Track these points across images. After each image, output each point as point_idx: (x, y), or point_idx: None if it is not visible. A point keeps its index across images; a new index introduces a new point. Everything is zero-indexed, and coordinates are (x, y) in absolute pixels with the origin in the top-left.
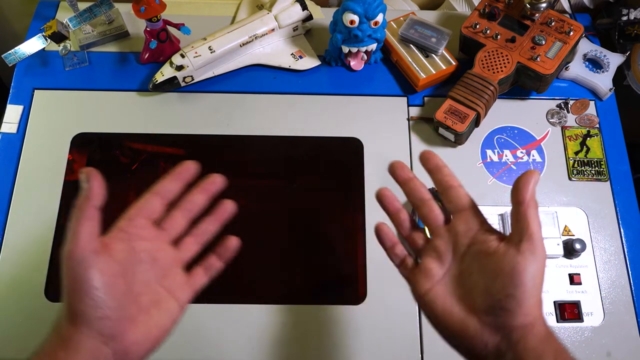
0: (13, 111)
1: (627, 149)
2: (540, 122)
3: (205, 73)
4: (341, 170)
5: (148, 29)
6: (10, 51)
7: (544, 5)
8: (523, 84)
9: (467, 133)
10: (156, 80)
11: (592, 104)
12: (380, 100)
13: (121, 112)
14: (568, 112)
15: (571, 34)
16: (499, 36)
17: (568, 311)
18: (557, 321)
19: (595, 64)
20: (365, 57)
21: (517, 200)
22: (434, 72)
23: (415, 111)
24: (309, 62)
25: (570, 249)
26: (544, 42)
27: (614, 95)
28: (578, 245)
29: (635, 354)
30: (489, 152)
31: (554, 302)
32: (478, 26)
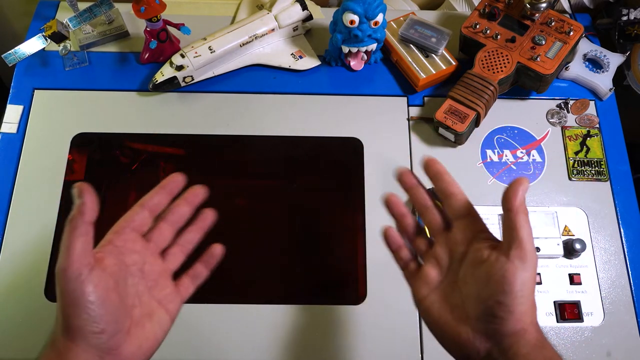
0: (13, 111)
1: (627, 149)
2: (540, 122)
3: (205, 73)
4: (341, 170)
5: (148, 29)
6: (10, 51)
7: (544, 5)
8: (523, 84)
9: (467, 133)
10: (156, 80)
11: (592, 104)
12: (380, 100)
13: (121, 112)
14: (568, 112)
15: (571, 34)
16: (499, 36)
17: (568, 311)
18: (557, 321)
19: (595, 64)
20: (365, 57)
21: (507, 208)
22: (434, 72)
23: (415, 111)
24: (309, 62)
25: (570, 249)
26: (544, 42)
27: (614, 95)
28: (578, 245)
29: (635, 354)
30: (489, 152)
31: (554, 302)
32: (478, 26)
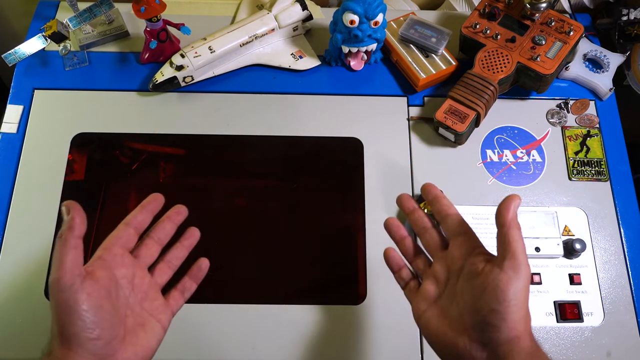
0: (13, 111)
1: (627, 149)
2: (540, 122)
3: (205, 73)
4: (341, 170)
5: (148, 29)
6: (10, 51)
7: (544, 5)
8: (523, 84)
9: (467, 133)
10: (156, 80)
11: (592, 104)
12: (380, 100)
13: (121, 112)
14: (568, 112)
15: (571, 34)
16: (499, 36)
17: (568, 311)
18: (557, 321)
19: (595, 64)
20: (365, 57)
21: (500, 223)
22: (434, 72)
23: (415, 111)
24: (309, 62)
25: (570, 249)
26: (544, 42)
27: (614, 95)
28: (578, 245)
29: (635, 354)
30: (489, 152)
31: (554, 302)
32: (478, 26)
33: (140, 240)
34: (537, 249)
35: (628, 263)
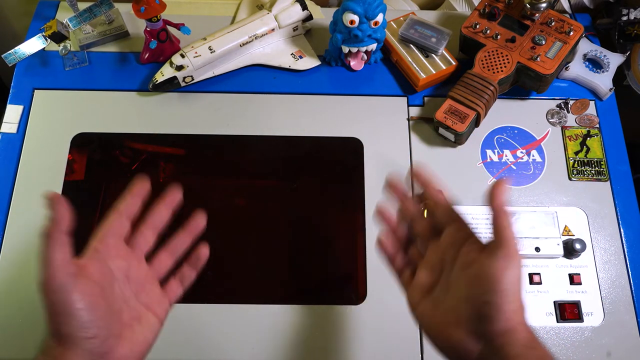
0: (13, 111)
1: (627, 149)
2: (540, 122)
3: (205, 73)
4: (341, 170)
5: (148, 29)
6: (10, 51)
7: (544, 5)
8: (523, 84)
9: (467, 133)
10: (156, 80)
11: (592, 104)
12: (380, 100)
13: (121, 112)
14: (568, 112)
15: (571, 34)
16: (499, 36)
17: (568, 311)
18: (557, 321)
19: (595, 64)
20: (365, 57)
21: (491, 210)
22: (434, 72)
23: (415, 111)
24: (309, 62)
25: (570, 249)
26: (544, 42)
27: (614, 95)
28: (578, 245)
29: (635, 354)
30: (489, 152)
31: (554, 302)
32: (478, 26)
33: (135, 228)
34: (537, 249)
35: (628, 263)
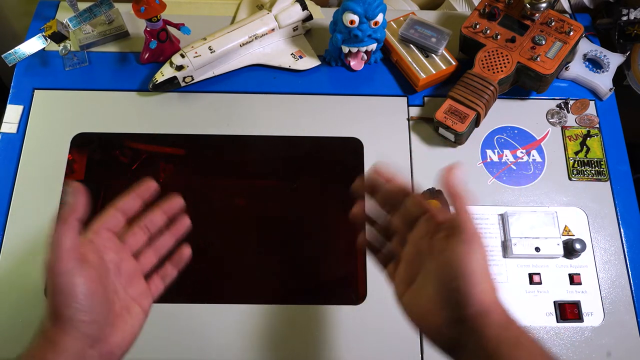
0: (13, 111)
1: (627, 149)
2: (540, 122)
3: (205, 73)
4: (341, 170)
5: (148, 29)
6: (10, 51)
7: (544, 5)
8: (523, 84)
9: (467, 133)
10: (156, 80)
11: (592, 104)
12: (380, 100)
13: (121, 112)
14: (568, 112)
15: (571, 34)
16: (499, 36)
17: (568, 311)
18: (557, 321)
19: (595, 64)
20: (365, 57)
21: (446, 197)
22: (434, 72)
23: (415, 111)
24: (309, 62)
25: (570, 249)
26: (544, 42)
27: (614, 95)
28: (578, 245)
29: (635, 354)
30: (489, 152)
31: (554, 302)
32: (478, 26)
33: (129, 226)
34: (537, 249)
35: (628, 263)
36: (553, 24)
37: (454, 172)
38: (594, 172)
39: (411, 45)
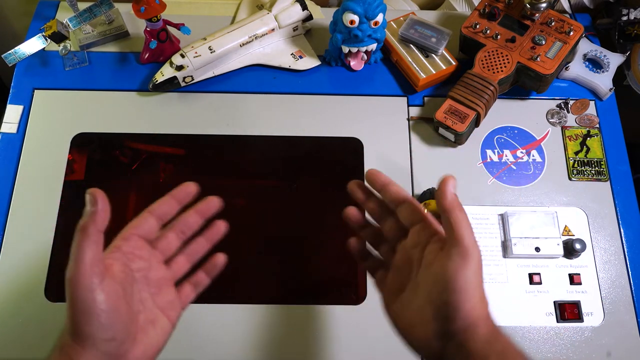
0: (13, 111)
1: (627, 149)
2: (540, 122)
3: (205, 73)
4: (341, 170)
5: (148, 29)
6: (10, 51)
7: (544, 5)
8: (523, 84)
9: (467, 133)
10: (156, 80)
11: (592, 104)
12: (380, 100)
13: (121, 112)
14: (568, 112)
15: (571, 34)
16: (499, 36)
17: (568, 311)
18: (557, 321)
19: (595, 64)
20: (365, 57)
21: (441, 209)
22: (434, 72)
23: (415, 111)
24: (309, 62)
25: (570, 249)
26: (544, 42)
27: (614, 95)
28: (578, 245)
29: (635, 354)
30: (489, 152)
31: (554, 302)
32: (478, 26)
33: (162, 231)
34: (537, 249)
35: (628, 263)
36: (553, 24)
37: (451, 184)
38: (594, 172)
39: (411, 45)
